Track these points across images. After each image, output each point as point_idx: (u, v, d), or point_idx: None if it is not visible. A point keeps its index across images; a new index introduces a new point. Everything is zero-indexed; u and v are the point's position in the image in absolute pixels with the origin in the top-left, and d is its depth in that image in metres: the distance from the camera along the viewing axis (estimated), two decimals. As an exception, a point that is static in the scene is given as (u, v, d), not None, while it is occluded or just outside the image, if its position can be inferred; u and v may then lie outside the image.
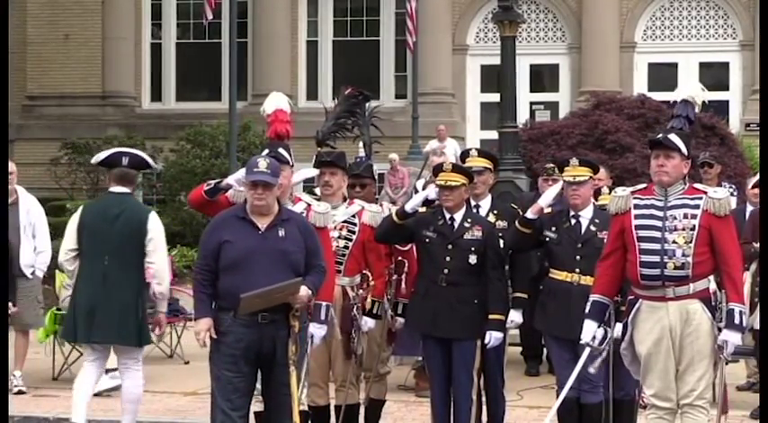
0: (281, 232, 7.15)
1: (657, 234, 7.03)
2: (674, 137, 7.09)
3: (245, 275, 7.00)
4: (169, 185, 23.55)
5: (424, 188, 9.03)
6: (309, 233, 7.30)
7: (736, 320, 6.98)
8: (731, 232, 7.11)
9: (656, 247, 7.00)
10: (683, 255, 6.97)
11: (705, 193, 7.08)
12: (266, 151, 7.73)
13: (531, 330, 9.02)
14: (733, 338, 6.99)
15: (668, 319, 7.01)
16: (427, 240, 8.22)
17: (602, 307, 7.28)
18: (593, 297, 7.30)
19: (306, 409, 8.06)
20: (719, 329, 7.04)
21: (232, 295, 6.97)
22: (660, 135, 7.16)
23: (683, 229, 7.00)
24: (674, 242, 6.99)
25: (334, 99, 9.80)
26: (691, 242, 6.97)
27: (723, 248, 7.03)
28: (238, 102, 19.74)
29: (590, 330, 7.28)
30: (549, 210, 8.45)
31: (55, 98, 27.68)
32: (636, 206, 7.14)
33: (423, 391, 9.80)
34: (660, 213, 7.06)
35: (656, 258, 6.99)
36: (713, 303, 7.06)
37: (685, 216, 7.02)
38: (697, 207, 7.03)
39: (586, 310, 7.31)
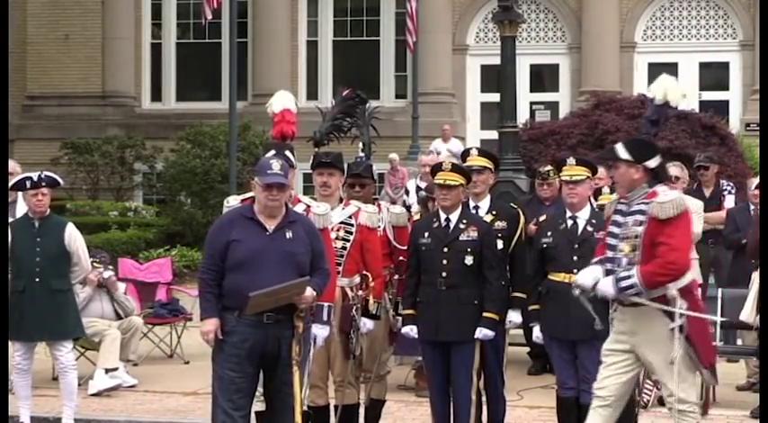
0: (289, 234, 7.16)
1: (614, 241, 6.92)
2: (619, 147, 6.92)
3: (252, 275, 7.00)
4: (169, 185, 23.54)
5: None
6: (315, 235, 7.32)
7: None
8: (671, 231, 6.73)
9: (611, 254, 6.92)
10: (629, 263, 6.79)
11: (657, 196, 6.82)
12: (273, 152, 7.74)
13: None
14: (603, 285, 6.78)
15: (626, 325, 6.95)
16: (423, 248, 8.21)
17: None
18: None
19: (306, 409, 8.06)
20: (681, 331, 6.82)
21: (237, 295, 6.97)
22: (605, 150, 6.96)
23: (628, 238, 6.82)
24: (620, 250, 6.87)
25: (334, 99, 9.80)
26: (636, 250, 6.79)
27: (660, 243, 6.71)
28: (238, 102, 19.73)
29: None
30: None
31: (55, 98, 27.66)
32: (614, 211, 7.05)
33: (423, 391, 9.79)
34: (622, 219, 6.93)
35: (611, 266, 6.89)
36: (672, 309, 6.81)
37: (635, 223, 6.84)
38: (643, 213, 6.80)
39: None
